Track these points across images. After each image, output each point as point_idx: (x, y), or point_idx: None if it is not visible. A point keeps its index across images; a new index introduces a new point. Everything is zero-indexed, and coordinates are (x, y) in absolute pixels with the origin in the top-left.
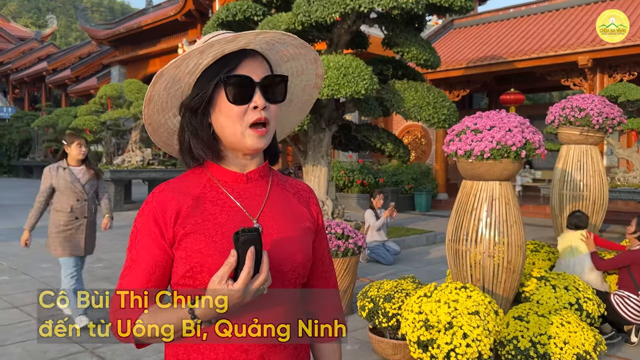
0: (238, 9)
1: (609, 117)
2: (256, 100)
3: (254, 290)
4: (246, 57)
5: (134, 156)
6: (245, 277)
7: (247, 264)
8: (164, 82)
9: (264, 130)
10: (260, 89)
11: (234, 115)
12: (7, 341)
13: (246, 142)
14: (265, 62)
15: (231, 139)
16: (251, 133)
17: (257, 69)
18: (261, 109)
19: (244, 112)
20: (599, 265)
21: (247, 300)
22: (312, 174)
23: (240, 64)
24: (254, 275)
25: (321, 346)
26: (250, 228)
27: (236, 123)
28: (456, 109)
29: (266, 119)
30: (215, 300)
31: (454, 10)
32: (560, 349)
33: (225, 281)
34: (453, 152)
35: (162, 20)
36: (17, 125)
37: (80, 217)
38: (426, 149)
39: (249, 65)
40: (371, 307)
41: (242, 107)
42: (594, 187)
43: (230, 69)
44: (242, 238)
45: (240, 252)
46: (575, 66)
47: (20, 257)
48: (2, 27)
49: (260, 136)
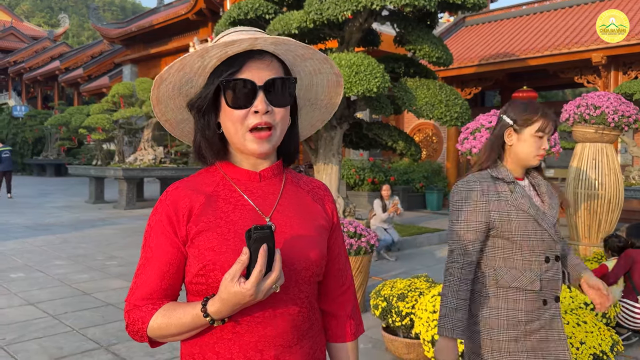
0: (250, 7)
1: (625, 115)
2: (257, 105)
3: (266, 289)
4: (252, 58)
5: (146, 154)
6: (257, 275)
7: (259, 261)
8: (170, 84)
9: (266, 134)
10: (264, 93)
11: (235, 118)
12: (24, 337)
13: (247, 146)
14: (277, 61)
15: (235, 140)
16: (251, 138)
17: (262, 72)
18: (262, 114)
19: (244, 116)
20: (607, 281)
21: (260, 298)
22: (323, 172)
23: (244, 65)
24: (266, 273)
25: (337, 345)
26: (263, 225)
27: (237, 126)
28: (468, 107)
29: (268, 123)
30: (228, 298)
31: (466, 7)
32: (576, 349)
33: (238, 279)
34: (467, 151)
35: (173, 19)
36: (31, 124)
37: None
38: (437, 147)
39: (254, 67)
40: (384, 306)
41: (242, 111)
42: (609, 185)
43: (233, 72)
44: (255, 235)
45: (252, 249)
46: (589, 63)
47: (34, 254)
48: (16, 26)
49: (261, 141)
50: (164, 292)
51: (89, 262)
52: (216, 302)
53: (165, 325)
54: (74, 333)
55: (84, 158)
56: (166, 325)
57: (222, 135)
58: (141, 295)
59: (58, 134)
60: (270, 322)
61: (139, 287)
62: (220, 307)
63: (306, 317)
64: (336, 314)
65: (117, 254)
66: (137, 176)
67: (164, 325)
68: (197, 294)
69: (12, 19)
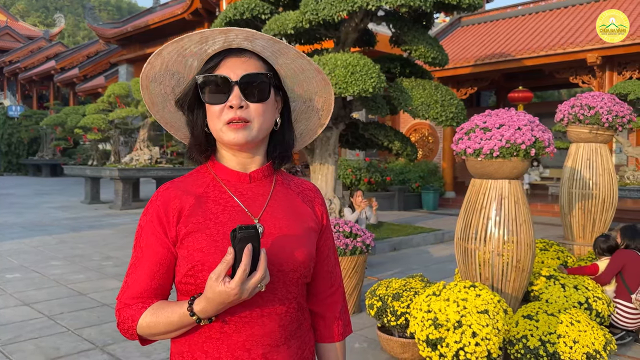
0: (245, 8)
1: (619, 115)
2: (231, 100)
3: (251, 288)
4: (229, 55)
5: (142, 154)
6: (241, 274)
7: (243, 260)
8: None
9: (240, 125)
10: (239, 88)
11: (212, 113)
12: (20, 338)
13: (223, 137)
14: (257, 58)
15: (215, 135)
16: (226, 128)
17: (238, 68)
18: (237, 109)
19: (220, 111)
20: (601, 281)
21: (245, 297)
22: (319, 172)
23: (220, 63)
24: (251, 272)
25: (326, 346)
26: (248, 225)
27: (215, 121)
28: (464, 107)
29: (242, 118)
30: (213, 297)
31: (462, 7)
32: (569, 348)
33: (222, 279)
34: (462, 151)
35: (169, 19)
36: (26, 124)
37: None
38: (433, 147)
39: (229, 63)
40: (380, 306)
41: (219, 106)
42: (603, 185)
43: (209, 68)
44: (239, 235)
45: (237, 249)
46: (584, 64)
47: (31, 254)
48: (11, 26)
49: (236, 130)
50: (154, 292)
51: (85, 263)
52: (202, 301)
53: (154, 324)
54: (69, 333)
55: (79, 158)
56: (155, 324)
57: (211, 133)
58: (132, 294)
59: (54, 134)
60: (257, 322)
61: (129, 286)
62: (206, 306)
63: (294, 318)
64: (325, 314)
65: (113, 254)
66: (133, 176)
67: (152, 323)
68: (186, 294)
69: (8, 18)
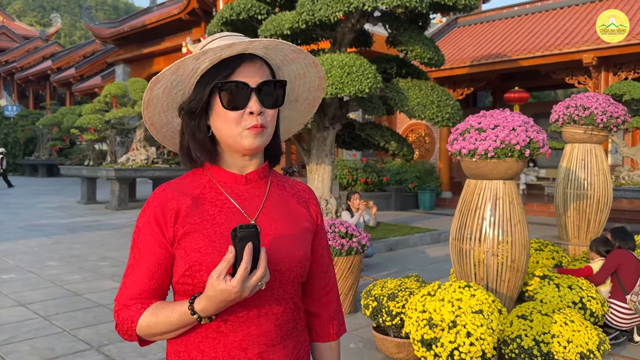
0: (242, 8)
1: (613, 116)
2: (251, 106)
3: (251, 286)
4: (244, 61)
5: (139, 155)
6: (243, 272)
7: (244, 259)
8: (162, 87)
9: (260, 130)
10: (257, 94)
11: (230, 120)
12: (15, 338)
13: (243, 142)
14: (265, 65)
15: (229, 141)
16: (247, 133)
17: (254, 74)
18: (257, 115)
19: (240, 117)
20: (595, 280)
21: (246, 295)
22: (316, 172)
23: (236, 69)
24: (251, 270)
25: (321, 345)
26: (248, 225)
27: (232, 127)
28: (460, 108)
29: (262, 125)
30: (214, 295)
31: (458, 8)
32: (563, 348)
33: (224, 277)
34: (457, 151)
35: (166, 19)
36: (22, 124)
37: None
38: (430, 147)
39: (246, 70)
40: (375, 306)
41: (238, 112)
42: (598, 186)
43: (227, 74)
44: (240, 234)
45: (238, 248)
46: (580, 64)
47: (27, 255)
48: (7, 25)
49: (256, 134)
50: (153, 292)
51: (81, 263)
52: (203, 299)
53: (154, 324)
54: (65, 334)
55: (76, 158)
56: (154, 324)
57: (212, 137)
58: (130, 295)
59: (50, 134)
60: (254, 322)
61: (128, 287)
62: (207, 305)
63: (290, 317)
64: (319, 314)
65: (109, 254)
66: (129, 176)
67: (152, 323)
68: (183, 294)
69: (4, 18)
